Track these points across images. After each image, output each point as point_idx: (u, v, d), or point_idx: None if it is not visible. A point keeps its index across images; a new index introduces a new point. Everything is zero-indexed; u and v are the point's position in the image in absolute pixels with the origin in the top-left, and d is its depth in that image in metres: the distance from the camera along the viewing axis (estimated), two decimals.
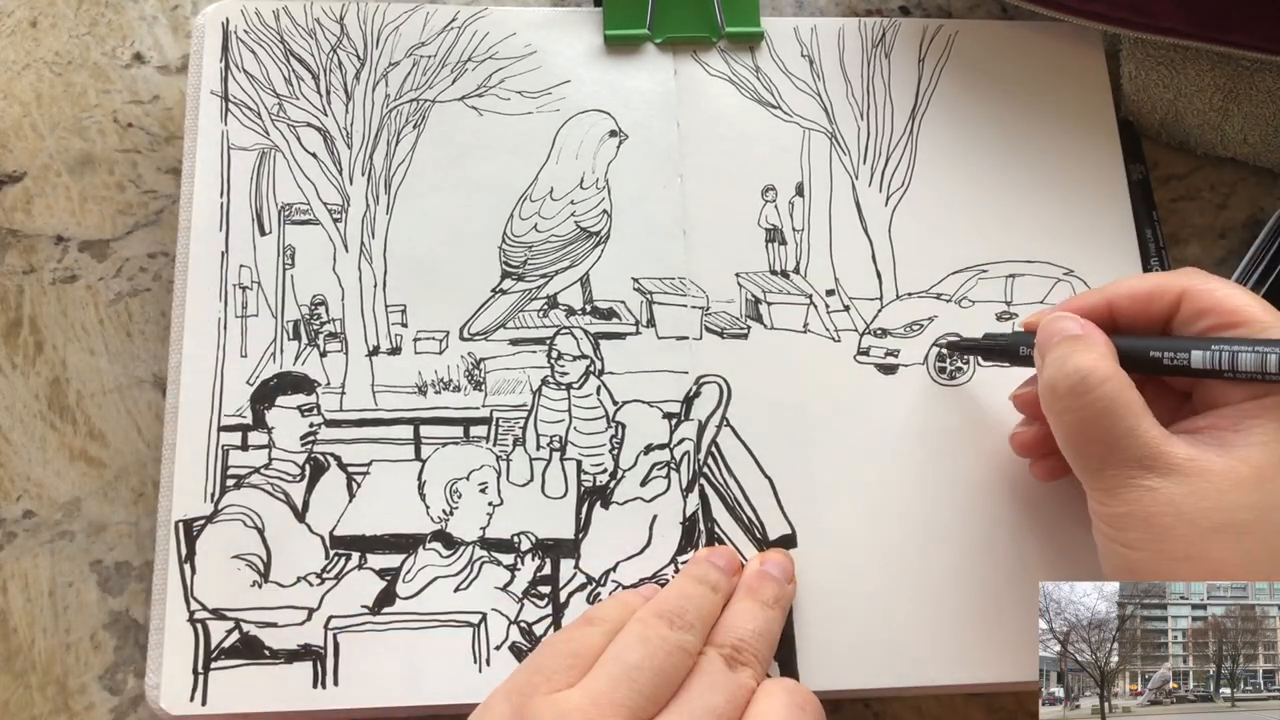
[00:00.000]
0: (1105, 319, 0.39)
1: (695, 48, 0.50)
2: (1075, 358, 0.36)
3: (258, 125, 0.47)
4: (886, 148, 0.49)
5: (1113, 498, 0.35)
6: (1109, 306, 0.39)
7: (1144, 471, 0.34)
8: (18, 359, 0.46)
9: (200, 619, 0.41)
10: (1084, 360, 0.36)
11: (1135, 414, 0.35)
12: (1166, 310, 0.38)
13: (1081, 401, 0.36)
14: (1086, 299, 0.40)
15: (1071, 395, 0.36)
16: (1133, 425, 0.35)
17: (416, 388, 0.44)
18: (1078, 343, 0.37)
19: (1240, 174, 0.52)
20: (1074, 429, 0.36)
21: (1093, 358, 0.36)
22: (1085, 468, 0.37)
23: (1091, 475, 0.36)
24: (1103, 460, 0.35)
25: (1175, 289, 0.38)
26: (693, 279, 0.46)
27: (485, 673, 0.41)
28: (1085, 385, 0.36)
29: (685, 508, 0.43)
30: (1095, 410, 0.35)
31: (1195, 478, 0.34)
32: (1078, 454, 0.37)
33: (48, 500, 0.44)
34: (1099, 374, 0.36)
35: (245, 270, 0.45)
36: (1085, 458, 0.36)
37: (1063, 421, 0.37)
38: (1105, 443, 0.35)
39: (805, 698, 0.36)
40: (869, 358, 0.46)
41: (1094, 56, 0.51)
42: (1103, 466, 0.36)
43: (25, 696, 0.42)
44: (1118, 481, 0.35)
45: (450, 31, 0.49)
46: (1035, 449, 0.42)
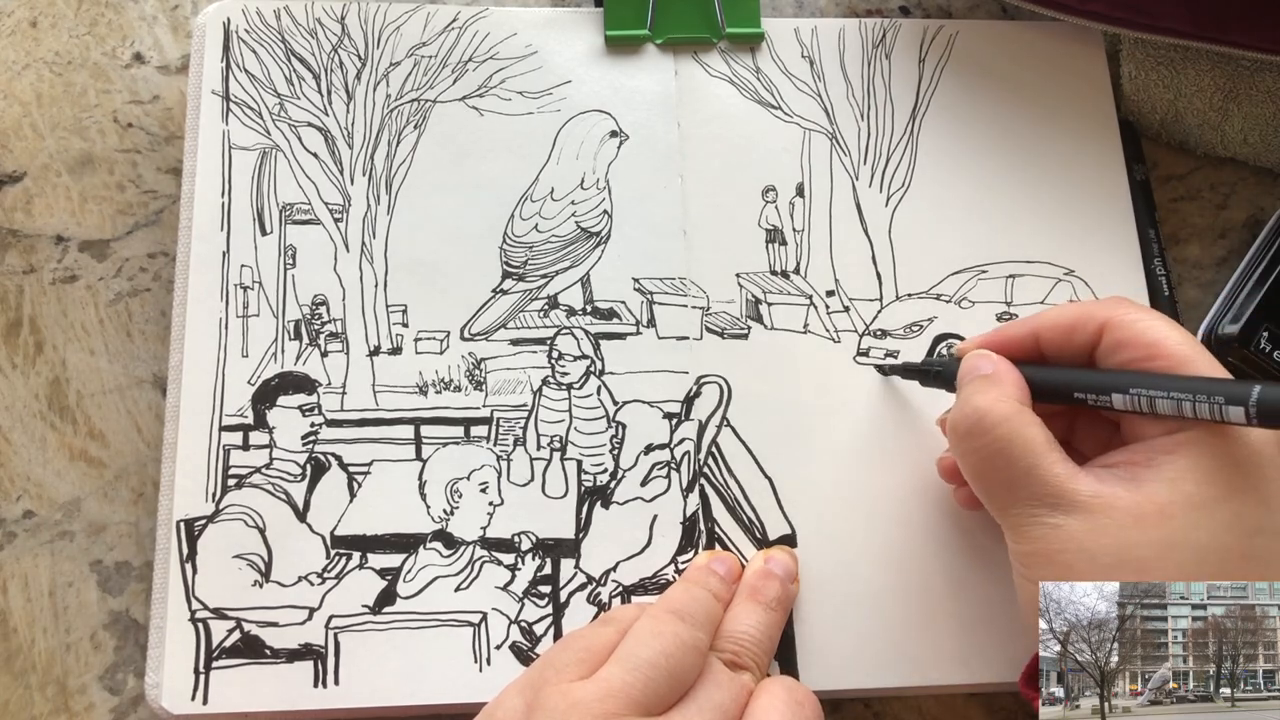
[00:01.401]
0: (1032, 349, 0.39)
1: (696, 48, 0.50)
2: (975, 398, 0.37)
3: (259, 125, 0.47)
4: (887, 148, 0.49)
5: (1021, 535, 0.35)
6: (1035, 336, 0.39)
7: (1048, 509, 0.35)
8: (18, 359, 0.46)
9: (201, 618, 0.41)
10: (982, 400, 0.36)
11: (1035, 452, 0.35)
12: (1089, 340, 0.38)
13: (980, 442, 0.36)
14: (1013, 329, 0.40)
15: (970, 436, 0.36)
16: (1033, 464, 0.35)
17: (417, 388, 0.44)
18: (983, 382, 0.37)
19: (1240, 174, 0.52)
20: (976, 468, 0.37)
21: (991, 398, 0.36)
22: (992, 506, 0.37)
23: (999, 513, 0.37)
24: (1006, 499, 0.36)
25: (1098, 320, 0.37)
26: (693, 279, 0.46)
27: (486, 672, 0.41)
28: (981, 426, 0.36)
29: (685, 508, 0.43)
30: (993, 450, 0.36)
31: (1099, 514, 0.34)
32: (983, 492, 0.37)
33: (48, 500, 0.44)
34: (995, 414, 0.36)
35: (246, 270, 0.45)
36: (990, 496, 0.37)
37: (966, 462, 0.37)
38: (1006, 480, 0.36)
39: (804, 695, 0.37)
40: (869, 358, 0.46)
41: (1094, 56, 0.51)
42: (1007, 505, 0.36)
43: (25, 696, 0.42)
44: (1023, 519, 0.35)
45: (451, 32, 0.49)
46: (956, 475, 0.42)
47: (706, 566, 0.41)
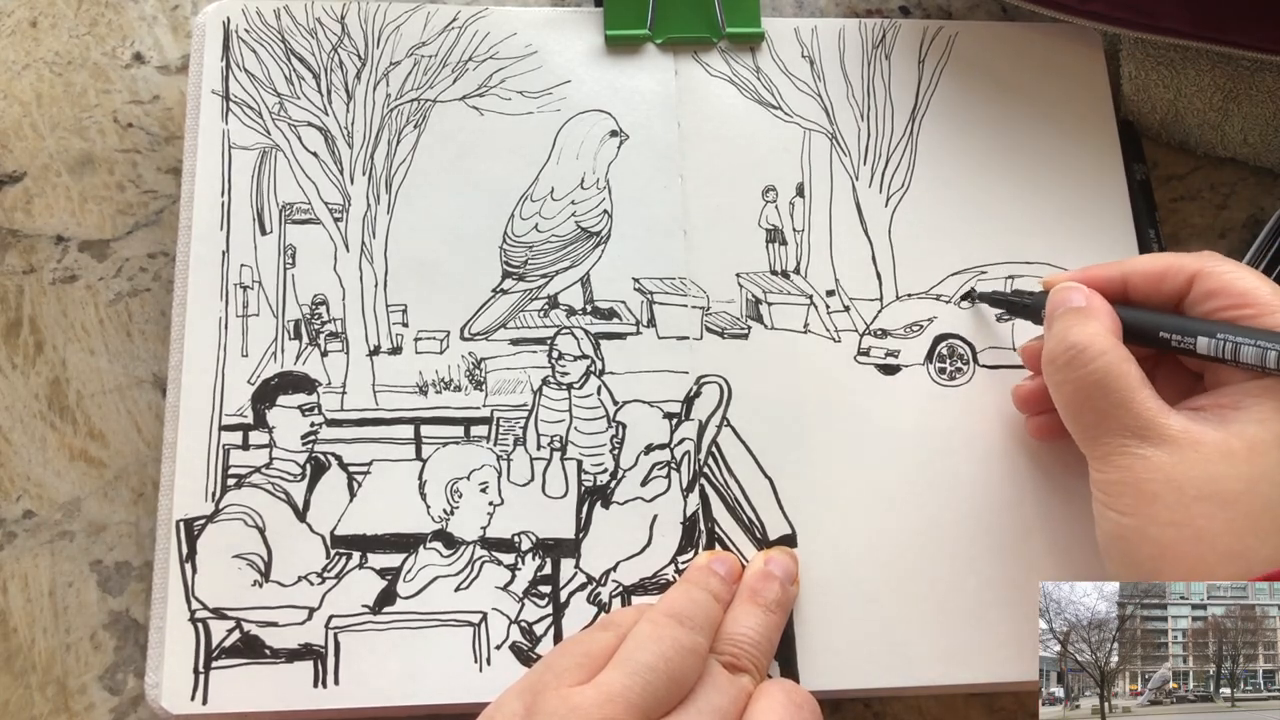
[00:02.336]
0: (1119, 291, 0.40)
1: (696, 48, 0.50)
2: (1074, 331, 0.38)
3: (259, 124, 0.47)
4: (887, 148, 0.49)
5: (1106, 465, 0.36)
6: (1124, 280, 0.40)
7: (1137, 440, 0.36)
8: (18, 359, 0.46)
9: (201, 618, 0.41)
10: (1081, 334, 0.38)
11: (1130, 386, 0.36)
12: (1179, 289, 0.39)
13: (1078, 374, 0.37)
14: (1103, 270, 0.41)
15: (1069, 367, 0.38)
16: (1127, 396, 0.36)
17: (417, 387, 0.44)
18: (1079, 315, 0.39)
19: (1240, 174, 0.52)
20: (1071, 399, 0.38)
21: (1090, 331, 0.38)
22: (1081, 436, 0.38)
23: (1087, 443, 0.38)
24: (1097, 429, 0.37)
25: (1189, 269, 0.39)
26: (693, 279, 0.46)
27: (486, 672, 0.41)
28: (1081, 359, 0.37)
29: (685, 508, 0.43)
30: (1090, 382, 0.37)
31: (1187, 448, 0.35)
32: (1074, 422, 0.38)
33: (48, 500, 0.44)
34: (1095, 348, 0.37)
35: (246, 270, 0.45)
36: (1081, 426, 0.38)
37: (1061, 391, 0.38)
38: (1099, 412, 0.37)
39: (803, 698, 0.36)
40: (869, 358, 0.46)
41: (1094, 56, 0.51)
42: (1097, 435, 0.37)
43: (25, 696, 0.42)
44: (1111, 449, 0.36)
45: (451, 31, 0.49)
46: (1033, 404, 0.44)
47: (707, 567, 0.41)
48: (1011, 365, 0.46)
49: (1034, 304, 0.43)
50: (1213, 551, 0.34)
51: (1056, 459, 0.44)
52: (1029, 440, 0.45)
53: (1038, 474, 0.44)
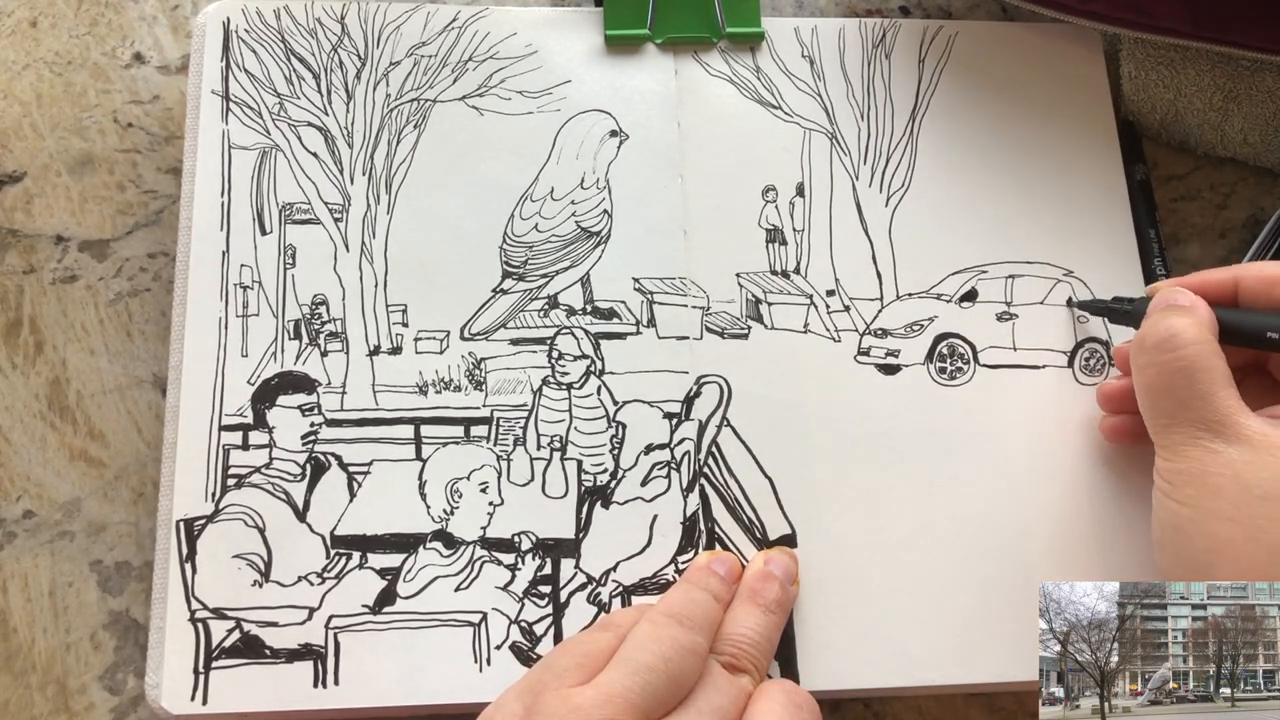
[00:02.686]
0: (1229, 295, 0.41)
1: (696, 48, 0.50)
2: (1170, 318, 0.38)
3: (258, 125, 0.47)
4: (887, 148, 0.49)
5: (1175, 454, 0.37)
6: (1235, 283, 0.41)
7: (1210, 434, 0.36)
8: (18, 359, 0.46)
9: (201, 618, 0.41)
10: (1177, 322, 0.38)
11: (1214, 380, 0.37)
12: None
13: (1165, 357, 0.37)
14: (1214, 274, 0.41)
15: (1157, 350, 0.38)
16: (1209, 389, 0.36)
17: (417, 387, 0.44)
18: (1179, 309, 0.39)
19: (1240, 174, 0.52)
20: (1153, 382, 0.38)
21: (1187, 322, 0.38)
22: (1155, 422, 0.38)
23: (1160, 430, 0.38)
24: (1173, 416, 0.37)
25: None
26: (693, 279, 0.46)
27: (486, 672, 0.41)
28: (1172, 343, 0.37)
29: (685, 508, 0.43)
30: (1175, 368, 0.37)
31: (1261, 450, 0.35)
32: (1152, 407, 0.38)
33: (48, 500, 0.44)
34: (1188, 335, 0.37)
35: (246, 270, 0.45)
36: (1157, 412, 0.38)
37: (1145, 375, 0.38)
38: (1179, 399, 0.37)
39: (803, 698, 0.36)
40: (869, 358, 0.46)
41: (1094, 56, 0.51)
42: (1172, 423, 0.37)
43: (25, 696, 0.42)
44: (1183, 439, 0.37)
45: (451, 31, 0.49)
46: (1115, 402, 0.44)
47: (707, 567, 0.41)
48: (1012, 365, 0.46)
49: (1135, 310, 0.43)
50: (1268, 552, 0.34)
51: (1056, 458, 0.44)
52: (1029, 440, 0.45)
53: (1038, 473, 0.44)
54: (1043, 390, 0.46)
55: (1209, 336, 0.38)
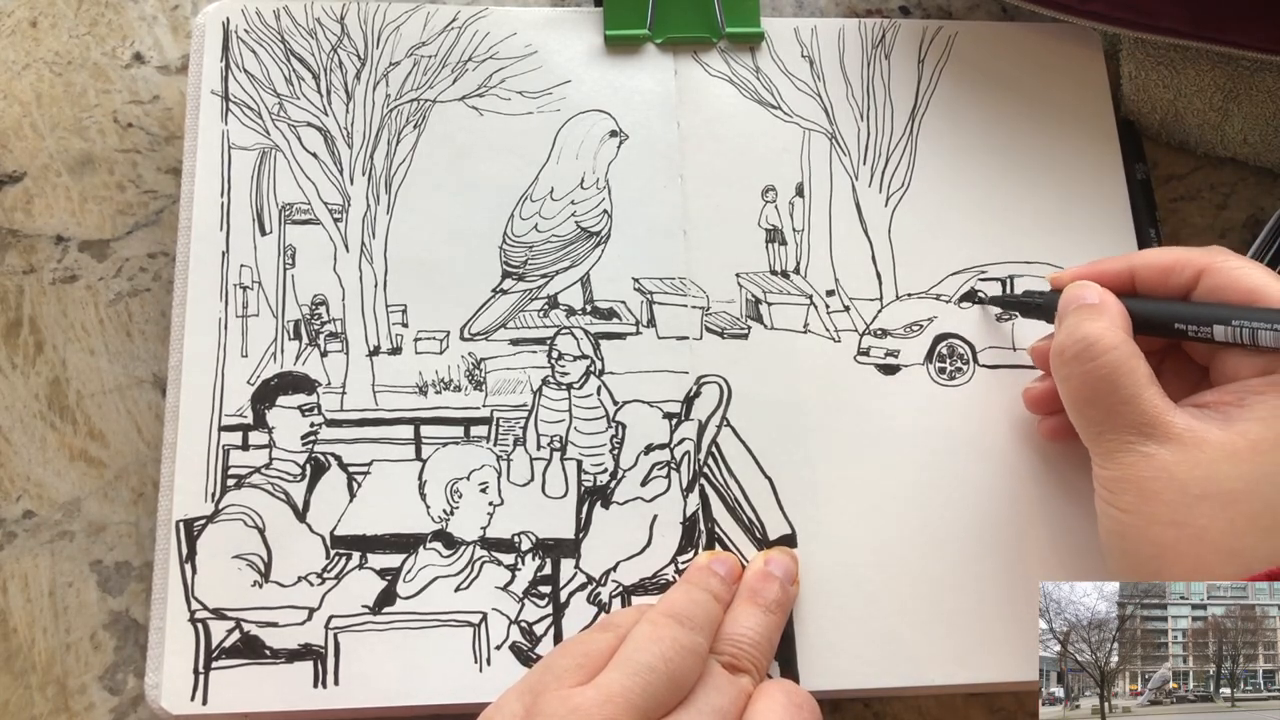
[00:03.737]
0: (1127, 284, 0.40)
1: (695, 48, 0.50)
2: (1085, 325, 0.38)
3: (258, 125, 0.47)
4: (886, 148, 0.49)
5: (1110, 461, 0.36)
6: (1131, 273, 0.40)
7: (1141, 438, 0.36)
8: (18, 359, 0.46)
9: (201, 619, 0.41)
10: (1092, 328, 0.38)
11: (1138, 382, 0.36)
12: (1186, 284, 0.39)
13: (1086, 367, 0.37)
14: (1111, 264, 0.41)
15: (1076, 360, 0.37)
16: (1134, 393, 0.36)
17: (417, 388, 0.44)
18: (1091, 311, 0.38)
19: (1240, 174, 0.52)
20: (1078, 393, 0.38)
21: (1101, 326, 0.37)
22: (1086, 431, 0.38)
23: (1092, 439, 0.38)
24: (1102, 424, 0.37)
25: (1196, 264, 0.39)
26: (693, 279, 0.46)
27: (486, 672, 0.41)
28: (1090, 352, 0.37)
29: (685, 508, 0.43)
30: (1097, 376, 0.37)
31: (1191, 447, 0.35)
32: (1080, 417, 0.38)
33: (48, 500, 0.44)
34: (1105, 341, 0.37)
35: (246, 270, 0.45)
36: (1087, 421, 0.38)
37: (1068, 385, 0.38)
38: (1106, 407, 0.37)
39: (803, 698, 0.36)
40: (869, 358, 0.46)
41: (1094, 56, 0.51)
42: (1102, 431, 0.37)
43: (25, 696, 0.42)
44: (1115, 446, 0.36)
45: (451, 31, 0.49)
46: (1044, 405, 0.43)
47: (707, 567, 0.41)
48: (1011, 365, 0.46)
49: (1046, 303, 0.42)
50: (1213, 551, 0.34)
51: (1057, 459, 0.44)
52: (1029, 440, 0.45)
53: (1038, 474, 0.44)
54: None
55: (1125, 337, 0.37)
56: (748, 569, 0.42)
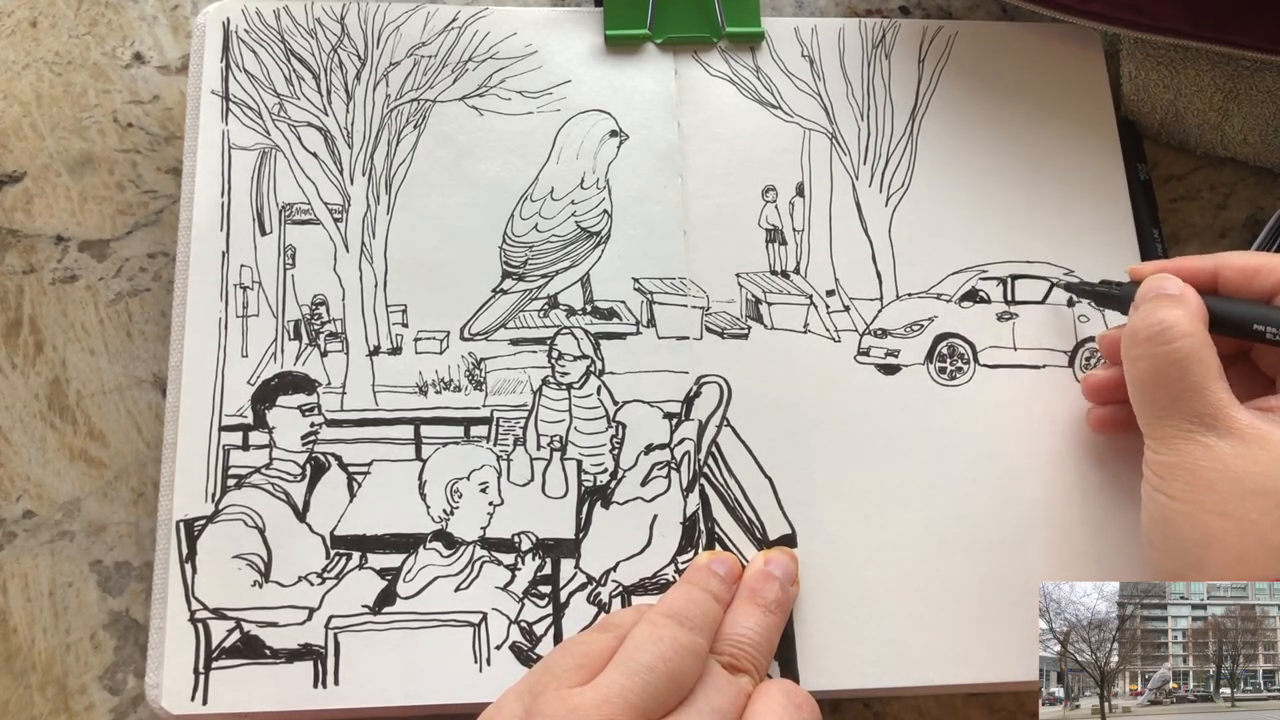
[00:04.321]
0: (1209, 282, 0.40)
1: (696, 48, 0.50)
2: (1163, 310, 0.38)
3: (258, 125, 0.47)
4: (887, 148, 0.49)
5: (1166, 446, 0.37)
6: (1215, 273, 0.40)
7: (1202, 428, 0.36)
8: (18, 359, 0.46)
9: (201, 619, 0.41)
10: (1170, 314, 0.38)
11: (1208, 372, 0.37)
12: (1271, 288, 0.39)
13: (1159, 350, 0.37)
14: (1195, 262, 0.41)
15: (1150, 342, 0.38)
16: (1202, 382, 0.36)
17: (417, 387, 0.44)
18: (1171, 299, 0.39)
19: (1240, 174, 0.52)
20: (1146, 375, 0.38)
21: (1179, 313, 0.38)
22: (1147, 415, 0.38)
23: (1151, 423, 0.38)
24: (1165, 409, 0.37)
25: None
26: (693, 279, 0.46)
27: (486, 672, 0.41)
28: (1165, 336, 0.37)
29: (685, 508, 0.43)
30: (1169, 360, 0.37)
31: (1251, 444, 0.35)
32: (1144, 400, 0.38)
33: (48, 500, 0.44)
34: (1181, 328, 0.37)
35: (246, 270, 0.45)
36: (1150, 404, 0.38)
37: (1137, 367, 0.38)
38: (1172, 392, 0.37)
39: (802, 698, 0.36)
40: (869, 358, 0.46)
41: (1094, 56, 0.51)
42: (1164, 415, 0.37)
43: (25, 696, 0.42)
44: (1174, 431, 0.37)
45: (451, 31, 0.49)
46: (1102, 393, 0.44)
47: (707, 567, 0.41)
48: (1012, 365, 0.46)
49: (1123, 294, 0.43)
50: (1260, 545, 0.34)
51: (1058, 459, 0.44)
52: (1030, 440, 0.45)
53: (1038, 474, 0.44)
54: (1043, 390, 0.46)
55: (1201, 328, 0.38)
56: (748, 569, 0.42)
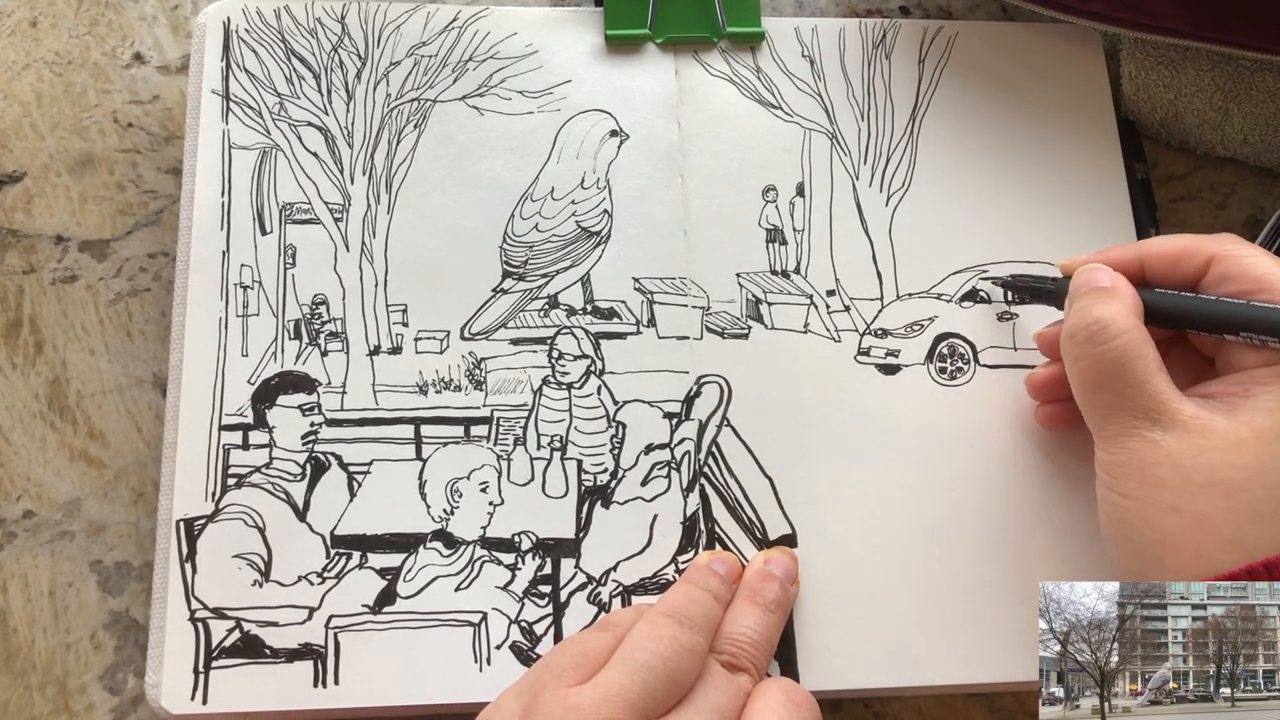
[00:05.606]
0: (1136, 273, 0.40)
1: (696, 48, 0.50)
2: (1098, 307, 0.38)
3: (259, 124, 0.47)
4: (887, 148, 0.49)
5: (1115, 445, 0.36)
6: (1141, 261, 0.40)
7: (1148, 423, 0.36)
8: (18, 359, 0.46)
9: (201, 618, 0.41)
10: (1105, 311, 0.38)
11: (1148, 368, 0.36)
12: (1196, 271, 0.39)
13: (1097, 350, 0.37)
14: (1121, 252, 0.41)
15: (1089, 343, 0.37)
16: (1143, 378, 0.36)
17: (417, 387, 0.44)
18: (1104, 294, 0.38)
19: (1240, 174, 0.52)
20: (1087, 375, 0.38)
21: (1115, 310, 0.38)
22: (1093, 415, 0.38)
23: (1098, 422, 0.38)
24: (1110, 408, 0.37)
25: (1206, 252, 0.39)
26: (693, 279, 0.46)
27: (486, 672, 0.41)
28: (1103, 335, 0.37)
29: (686, 507, 0.43)
30: (1109, 359, 0.37)
31: (1196, 435, 0.35)
32: (1087, 400, 0.38)
33: (48, 500, 0.44)
34: (1117, 325, 0.37)
35: (246, 269, 0.45)
36: (1094, 405, 0.38)
37: (1077, 368, 0.38)
38: (1114, 391, 0.37)
39: (802, 696, 0.36)
40: (869, 358, 0.46)
41: (1094, 56, 0.51)
42: (1109, 414, 0.37)
43: (25, 696, 0.42)
44: (1121, 430, 0.36)
45: (451, 31, 0.49)
46: (1046, 391, 0.43)
47: (707, 567, 0.41)
48: (1012, 365, 0.46)
49: (1057, 289, 0.42)
50: (1214, 538, 0.34)
51: (1058, 459, 0.44)
52: (1030, 440, 0.45)
53: (1038, 474, 0.44)
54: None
55: (1137, 322, 0.37)
56: (748, 569, 0.42)
